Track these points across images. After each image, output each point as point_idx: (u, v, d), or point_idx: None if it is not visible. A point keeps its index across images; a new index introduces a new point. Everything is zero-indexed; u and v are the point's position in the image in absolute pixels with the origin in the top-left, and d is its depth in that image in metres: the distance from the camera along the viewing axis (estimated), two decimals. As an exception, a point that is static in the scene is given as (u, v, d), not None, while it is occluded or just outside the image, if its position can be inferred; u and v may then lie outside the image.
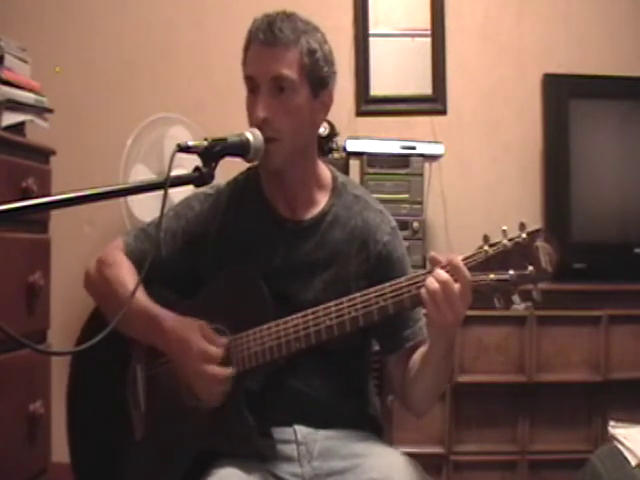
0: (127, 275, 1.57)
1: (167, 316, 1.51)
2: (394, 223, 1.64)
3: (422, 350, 1.50)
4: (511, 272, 1.33)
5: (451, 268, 1.32)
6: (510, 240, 1.33)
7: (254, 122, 1.47)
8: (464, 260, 1.33)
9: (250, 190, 1.63)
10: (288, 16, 1.51)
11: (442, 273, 1.33)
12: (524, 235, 1.33)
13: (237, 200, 1.63)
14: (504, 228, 1.34)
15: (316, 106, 1.54)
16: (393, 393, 1.70)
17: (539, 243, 1.33)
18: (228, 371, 1.46)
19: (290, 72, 1.48)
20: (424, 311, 1.44)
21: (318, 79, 1.52)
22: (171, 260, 1.61)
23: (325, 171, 1.63)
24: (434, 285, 1.32)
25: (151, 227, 1.64)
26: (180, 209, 1.64)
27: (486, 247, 1.34)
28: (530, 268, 1.32)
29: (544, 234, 1.34)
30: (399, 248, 1.61)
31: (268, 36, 1.48)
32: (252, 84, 1.51)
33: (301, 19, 1.53)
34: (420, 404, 1.56)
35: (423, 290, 1.34)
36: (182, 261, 1.61)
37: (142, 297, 1.52)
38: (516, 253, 1.33)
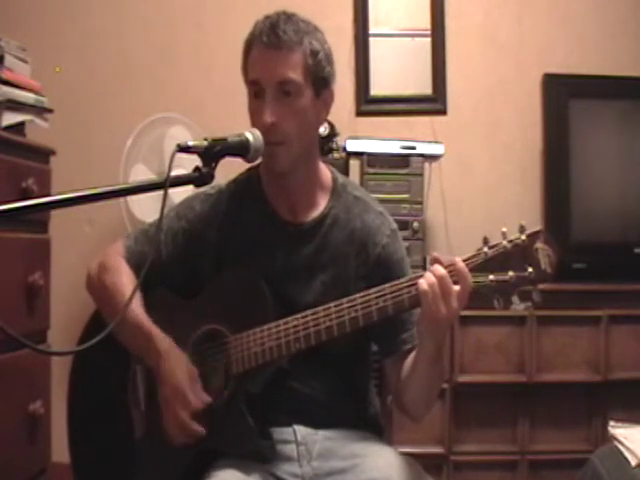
0: (125, 283, 1.56)
1: (161, 337, 1.50)
2: (394, 225, 1.63)
3: (414, 352, 1.50)
4: (510, 273, 1.33)
5: (455, 271, 1.32)
6: (510, 242, 1.33)
7: (261, 127, 1.45)
8: (464, 261, 1.33)
9: (251, 191, 1.63)
10: (289, 17, 1.51)
11: (440, 269, 1.33)
12: (523, 237, 1.33)
13: (238, 201, 1.62)
14: (504, 230, 1.34)
15: (319, 106, 1.54)
16: (386, 397, 1.70)
17: (539, 245, 1.33)
18: (197, 429, 1.44)
19: (295, 75, 1.48)
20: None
21: (321, 79, 1.52)
22: (172, 260, 1.61)
23: (326, 172, 1.63)
24: (431, 278, 1.33)
25: (152, 228, 1.64)
26: (181, 209, 1.64)
27: (485, 249, 1.34)
28: (529, 270, 1.33)
29: (544, 236, 1.34)
30: (399, 251, 1.61)
31: (272, 39, 1.47)
32: (257, 88, 1.50)
33: (302, 19, 1.52)
34: (413, 406, 1.55)
35: (420, 281, 1.34)
36: (183, 261, 1.61)
37: (138, 310, 1.52)
38: (516, 255, 1.33)
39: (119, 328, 1.28)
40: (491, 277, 1.33)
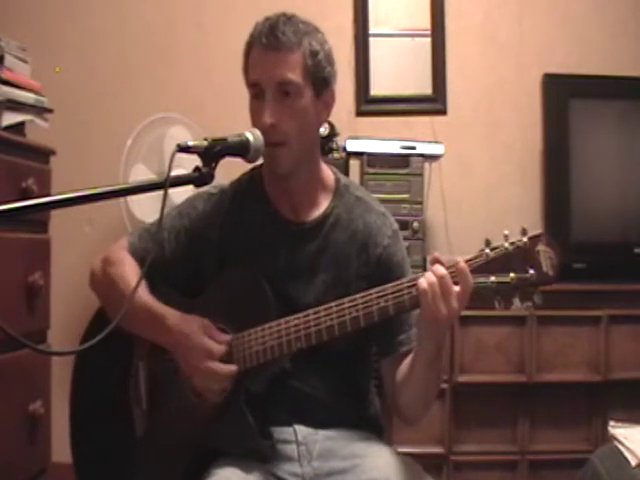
0: (130, 273, 1.57)
1: (170, 313, 1.51)
2: (396, 226, 1.63)
3: (411, 354, 1.50)
4: (512, 275, 1.33)
5: (456, 271, 1.32)
6: (511, 244, 1.34)
7: (261, 128, 1.46)
8: (465, 262, 1.33)
9: (253, 191, 1.63)
10: (289, 18, 1.51)
11: (441, 269, 1.33)
12: (525, 239, 1.33)
13: (240, 201, 1.63)
14: (506, 232, 1.35)
15: (319, 107, 1.55)
16: (386, 398, 1.69)
17: (540, 247, 1.33)
18: (230, 368, 1.46)
19: (295, 76, 1.48)
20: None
21: (321, 80, 1.53)
22: (174, 259, 1.61)
23: (328, 173, 1.63)
24: (431, 278, 1.33)
25: (155, 227, 1.64)
26: (183, 208, 1.65)
27: (487, 250, 1.34)
28: (531, 271, 1.33)
29: (546, 238, 1.34)
30: (399, 252, 1.61)
31: (271, 40, 1.48)
32: (257, 90, 1.50)
33: (302, 21, 1.53)
34: (408, 410, 1.55)
35: (420, 280, 1.34)
36: (185, 260, 1.62)
37: (145, 295, 1.53)
38: (517, 256, 1.33)
39: (127, 317, 1.28)
40: (492, 278, 1.33)
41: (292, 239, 1.57)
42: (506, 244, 1.34)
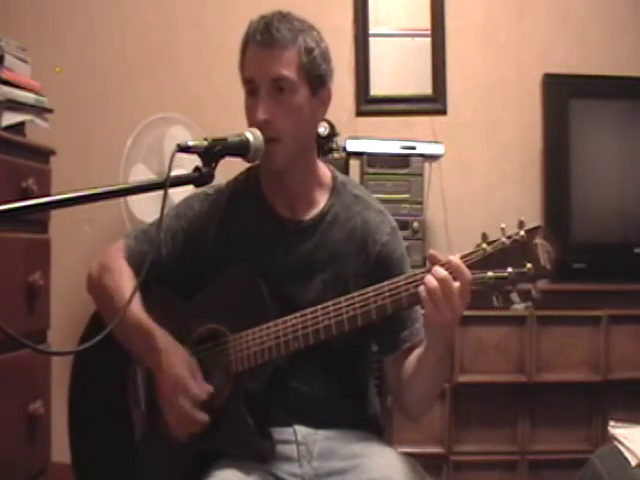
0: (126, 284, 1.56)
1: (160, 333, 1.50)
2: (394, 223, 1.63)
3: (418, 351, 1.49)
4: (509, 270, 1.32)
5: (452, 268, 1.31)
6: (508, 238, 1.32)
7: (255, 124, 1.47)
8: (462, 258, 1.33)
9: (250, 190, 1.63)
10: (284, 16, 1.51)
11: (441, 270, 1.32)
12: (522, 233, 1.32)
13: (237, 200, 1.62)
14: (503, 226, 1.33)
15: (315, 104, 1.54)
16: (386, 396, 1.69)
17: (538, 241, 1.32)
18: (202, 417, 1.45)
19: (289, 72, 1.48)
20: (423, 311, 1.44)
21: (316, 77, 1.53)
22: (171, 260, 1.61)
23: (325, 171, 1.63)
24: (432, 283, 1.32)
25: (152, 228, 1.64)
26: (180, 209, 1.64)
27: (484, 245, 1.33)
28: (529, 266, 1.31)
29: (543, 232, 1.33)
30: (398, 249, 1.61)
31: (266, 37, 1.48)
32: (251, 86, 1.51)
33: (297, 18, 1.53)
34: (414, 407, 1.55)
35: (421, 288, 1.33)
36: (182, 261, 1.61)
37: (137, 310, 1.52)
38: (514, 251, 1.32)
39: (118, 329, 1.28)
40: (490, 274, 1.32)
41: (289, 238, 1.57)
42: (503, 239, 1.32)
